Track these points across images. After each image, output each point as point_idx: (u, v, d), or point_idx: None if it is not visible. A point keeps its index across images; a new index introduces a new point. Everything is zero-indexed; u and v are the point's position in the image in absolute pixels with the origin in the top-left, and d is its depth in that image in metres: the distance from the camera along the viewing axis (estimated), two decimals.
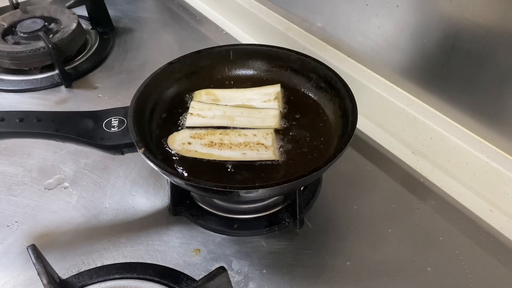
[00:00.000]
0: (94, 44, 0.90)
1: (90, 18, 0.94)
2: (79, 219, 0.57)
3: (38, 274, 0.44)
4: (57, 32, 0.84)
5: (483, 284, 0.50)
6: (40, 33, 0.79)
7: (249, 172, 0.52)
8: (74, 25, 0.85)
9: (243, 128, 0.58)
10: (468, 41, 0.53)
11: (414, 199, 0.59)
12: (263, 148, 0.54)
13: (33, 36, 0.82)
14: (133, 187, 0.61)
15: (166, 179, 0.56)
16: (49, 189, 0.61)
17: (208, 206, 0.57)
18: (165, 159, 0.54)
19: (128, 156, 0.55)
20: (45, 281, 0.43)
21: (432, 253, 0.53)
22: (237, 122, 0.59)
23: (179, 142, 0.55)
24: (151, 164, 0.47)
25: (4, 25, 0.85)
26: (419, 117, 0.62)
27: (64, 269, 0.51)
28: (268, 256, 0.52)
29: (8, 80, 0.80)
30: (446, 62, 0.57)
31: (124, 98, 0.76)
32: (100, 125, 0.54)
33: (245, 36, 0.93)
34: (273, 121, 0.59)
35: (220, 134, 0.56)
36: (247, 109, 0.61)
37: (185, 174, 0.51)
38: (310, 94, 0.63)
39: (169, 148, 0.56)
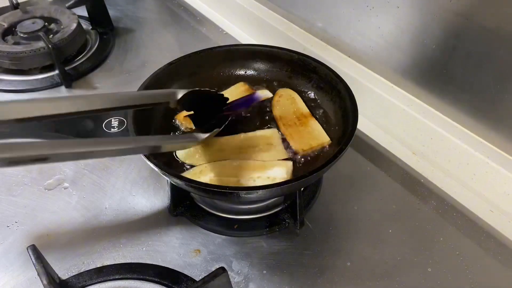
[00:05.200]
0: (94, 44, 0.90)
1: (90, 18, 0.94)
2: (79, 220, 0.57)
3: (38, 274, 0.44)
4: (57, 32, 0.84)
5: (483, 285, 0.49)
6: (40, 33, 0.79)
7: None
8: (74, 25, 0.85)
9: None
10: (468, 42, 0.53)
11: (415, 200, 0.59)
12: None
13: (33, 36, 0.82)
14: (133, 188, 0.61)
15: (166, 179, 0.56)
16: (49, 190, 0.61)
17: (208, 207, 0.57)
18: (165, 160, 0.54)
19: (128, 156, 0.55)
20: (45, 282, 0.43)
21: (433, 254, 0.53)
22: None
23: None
24: (151, 165, 0.47)
25: (4, 25, 0.85)
26: (419, 118, 0.62)
27: (64, 270, 0.51)
28: (268, 257, 0.52)
29: (8, 81, 0.80)
30: (447, 62, 0.57)
31: None
32: (100, 125, 0.55)
33: (245, 36, 0.92)
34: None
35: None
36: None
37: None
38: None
39: None
